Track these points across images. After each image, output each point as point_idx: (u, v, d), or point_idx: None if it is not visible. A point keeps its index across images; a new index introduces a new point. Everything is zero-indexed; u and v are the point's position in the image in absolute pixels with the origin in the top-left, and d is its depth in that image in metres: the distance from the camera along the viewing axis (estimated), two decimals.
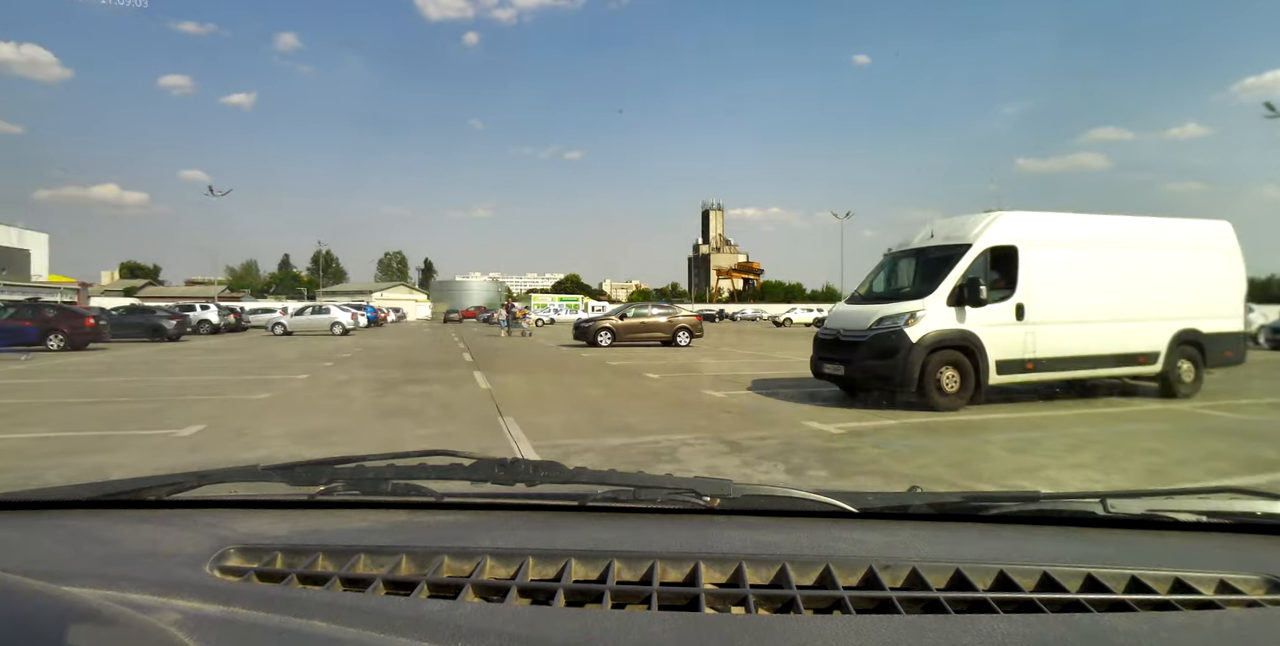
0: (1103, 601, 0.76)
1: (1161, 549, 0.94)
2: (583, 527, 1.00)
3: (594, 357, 16.09)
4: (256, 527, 0.98)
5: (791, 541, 0.93)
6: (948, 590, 0.79)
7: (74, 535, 0.96)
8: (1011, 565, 0.83)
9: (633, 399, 8.88)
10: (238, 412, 7.59)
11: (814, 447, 5.79)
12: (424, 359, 16.13)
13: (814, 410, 7.72)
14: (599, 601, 0.76)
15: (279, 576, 0.81)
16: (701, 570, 0.82)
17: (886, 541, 0.94)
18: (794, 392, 9.25)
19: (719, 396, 9.01)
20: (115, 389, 9.89)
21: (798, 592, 0.77)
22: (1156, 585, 0.79)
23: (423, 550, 0.87)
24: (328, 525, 1.02)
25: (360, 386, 10.28)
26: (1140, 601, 0.76)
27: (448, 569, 0.84)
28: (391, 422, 7.08)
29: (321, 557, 0.85)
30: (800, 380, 10.28)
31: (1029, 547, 0.93)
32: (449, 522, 1.05)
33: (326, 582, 0.79)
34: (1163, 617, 0.72)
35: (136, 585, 0.73)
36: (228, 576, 0.80)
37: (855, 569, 0.83)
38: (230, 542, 0.89)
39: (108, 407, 8.07)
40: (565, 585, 0.78)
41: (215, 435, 6.22)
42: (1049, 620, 0.70)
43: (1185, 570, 0.82)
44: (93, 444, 5.86)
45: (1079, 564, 0.83)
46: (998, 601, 0.75)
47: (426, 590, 0.78)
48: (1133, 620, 0.71)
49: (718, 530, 0.98)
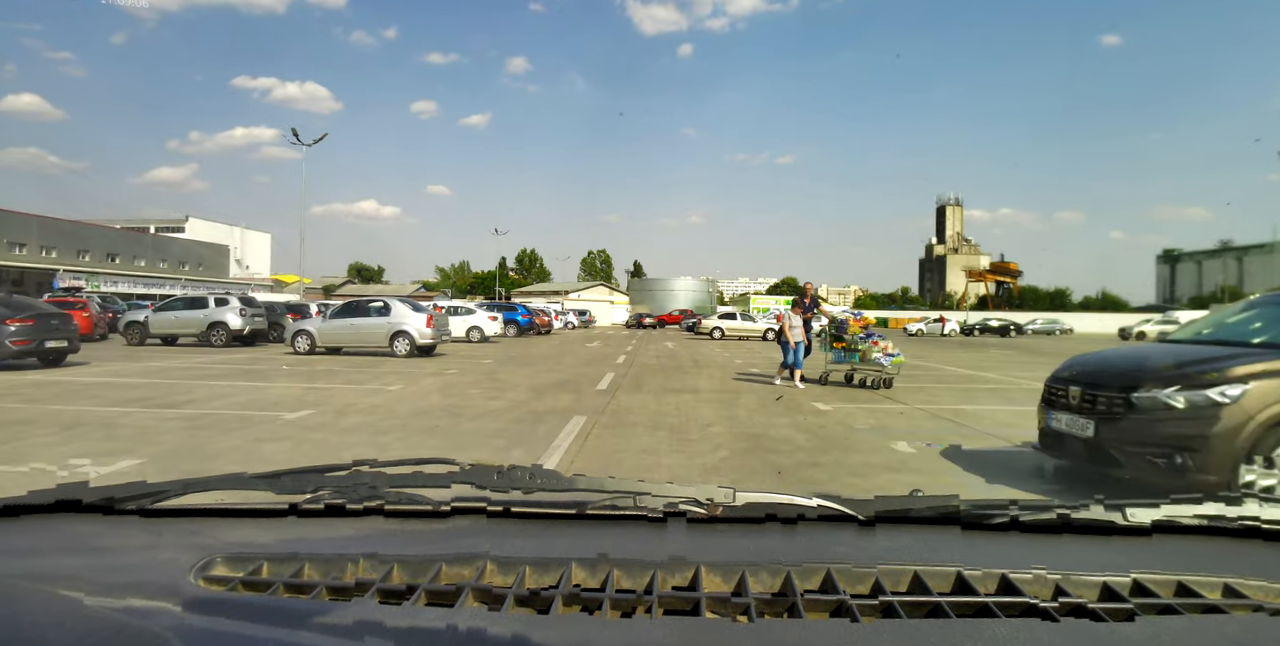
0: (1107, 607, 0.75)
1: (1166, 554, 0.93)
2: (582, 535, 0.99)
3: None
4: (242, 536, 0.98)
5: (794, 547, 0.94)
6: (950, 595, 0.78)
7: (57, 542, 0.94)
8: (1014, 570, 0.82)
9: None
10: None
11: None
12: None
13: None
14: (599, 609, 0.75)
15: (265, 585, 0.79)
16: (703, 577, 0.81)
17: (889, 547, 0.94)
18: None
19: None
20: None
21: (800, 598, 0.76)
22: (1161, 590, 0.80)
23: (416, 558, 0.85)
24: (315, 533, 1.00)
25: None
26: (1145, 606, 0.75)
27: (444, 576, 0.82)
28: None
29: (308, 566, 0.84)
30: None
31: (1032, 553, 0.92)
32: (443, 530, 1.01)
33: (313, 591, 0.78)
34: (1167, 622, 0.72)
35: (120, 593, 0.73)
36: (212, 586, 0.79)
37: (858, 574, 0.82)
38: (215, 551, 0.87)
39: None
40: (564, 592, 0.77)
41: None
42: (1052, 626, 0.70)
43: (1189, 574, 0.82)
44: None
45: (1082, 569, 0.83)
46: (1001, 607, 0.75)
47: (423, 598, 0.76)
48: (1137, 625, 0.70)
49: (719, 537, 0.98)
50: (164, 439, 5.94)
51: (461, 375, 12.38)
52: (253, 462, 5.06)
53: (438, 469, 1.07)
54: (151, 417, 6.98)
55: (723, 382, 11.82)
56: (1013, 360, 19.87)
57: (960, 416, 8.04)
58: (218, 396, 8.66)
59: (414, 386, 10.32)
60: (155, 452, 5.35)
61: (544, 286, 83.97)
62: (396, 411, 7.73)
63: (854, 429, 7.03)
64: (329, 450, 5.60)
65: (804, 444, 6.17)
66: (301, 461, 1.37)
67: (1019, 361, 19.13)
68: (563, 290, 75.41)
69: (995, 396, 10.73)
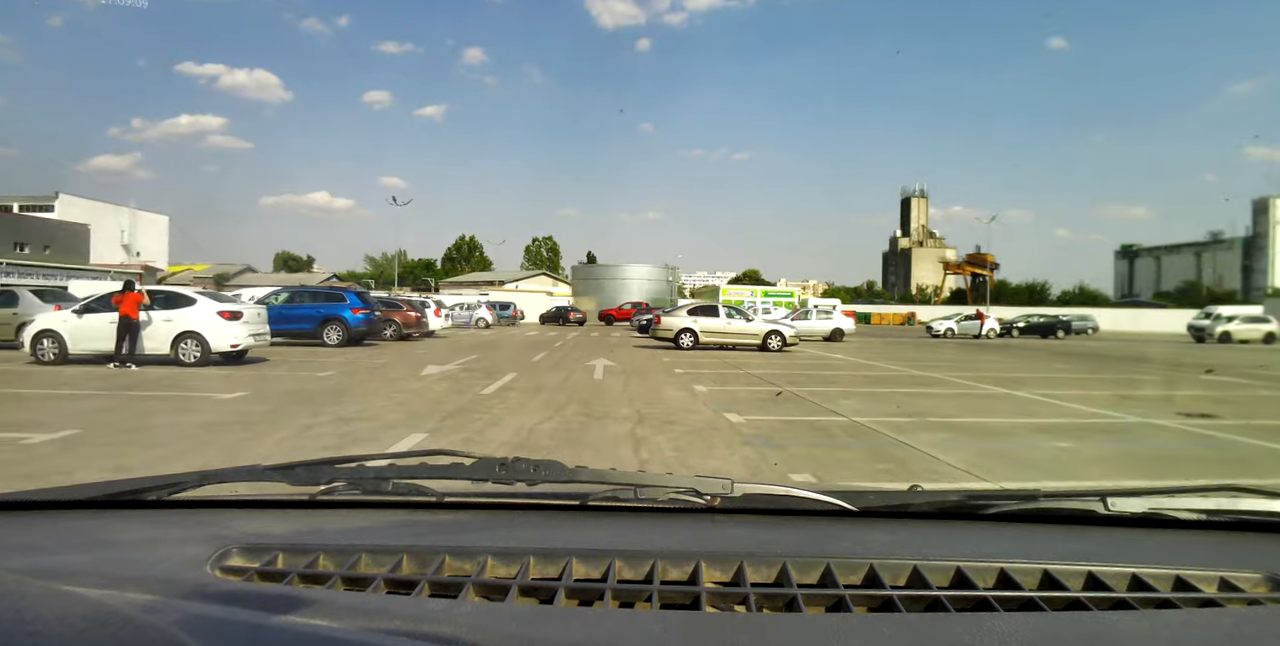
0: (1104, 599, 0.75)
1: (1162, 547, 0.94)
2: (584, 526, 1.00)
3: None
4: (257, 527, 0.97)
5: (792, 540, 0.93)
6: (949, 589, 0.78)
7: (75, 535, 0.94)
8: (1012, 563, 0.82)
9: None
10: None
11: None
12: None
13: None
14: (600, 600, 0.75)
15: (280, 576, 0.80)
16: (703, 569, 0.82)
17: (887, 540, 0.93)
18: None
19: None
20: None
21: (799, 591, 0.76)
22: (1158, 583, 0.79)
23: (423, 549, 0.86)
24: (328, 525, 1.00)
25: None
26: (1141, 599, 0.75)
27: (449, 568, 0.83)
28: None
29: (322, 557, 0.85)
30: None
31: (1030, 546, 0.92)
32: (450, 522, 1.04)
33: (328, 582, 0.79)
34: (1164, 615, 0.72)
35: (137, 585, 0.73)
36: (229, 576, 0.80)
37: (856, 568, 0.82)
38: (231, 542, 0.88)
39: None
40: (566, 584, 0.78)
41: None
42: (1050, 619, 0.70)
43: (1186, 568, 0.82)
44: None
45: (1080, 562, 0.83)
46: (999, 600, 0.74)
47: (428, 589, 0.77)
48: (1134, 618, 0.71)
49: (719, 529, 0.99)
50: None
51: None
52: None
53: (444, 461, 1.07)
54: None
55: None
56: (1205, 396, 11.46)
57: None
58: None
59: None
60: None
61: (477, 276, 73.13)
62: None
63: None
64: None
65: None
66: None
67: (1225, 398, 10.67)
68: (498, 280, 65.48)
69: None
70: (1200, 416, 7.59)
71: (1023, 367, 14.83)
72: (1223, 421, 7.33)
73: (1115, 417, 7.63)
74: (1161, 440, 6.48)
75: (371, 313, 17.50)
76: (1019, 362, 16.42)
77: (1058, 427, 6.91)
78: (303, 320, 16.58)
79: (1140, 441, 6.41)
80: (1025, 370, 14.20)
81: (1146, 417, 7.57)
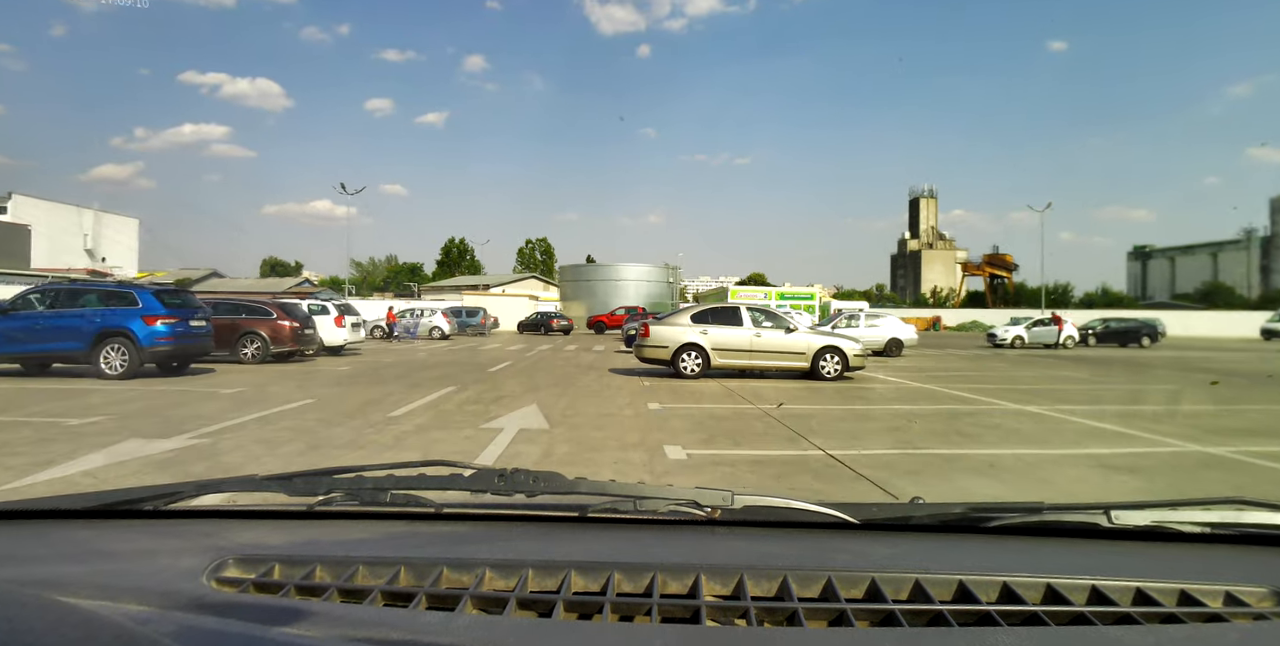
0: (1108, 614, 0.74)
1: (1167, 561, 0.93)
2: (583, 538, 0.99)
3: None
4: (254, 538, 0.96)
5: (793, 553, 0.92)
6: (951, 603, 0.77)
7: (70, 545, 0.94)
8: (1016, 577, 0.81)
9: None
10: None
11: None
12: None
13: None
14: (599, 613, 0.74)
15: (276, 587, 0.79)
16: (703, 582, 0.81)
17: (889, 553, 0.92)
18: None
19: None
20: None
21: (800, 605, 0.76)
22: (1162, 597, 0.78)
23: (421, 561, 0.85)
24: (326, 536, 0.99)
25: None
26: (1146, 614, 0.75)
27: (446, 580, 0.82)
28: None
29: (319, 568, 0.84)
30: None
31: (1033, 559, 0.90)
32: (448, 533, 1.03)
33: (324, 594, 0.78)
34: (1168, 630, 0.71)
35: (133, 596, 0.73)
36: (225, 587, 0.79)
37: (857, 581, 0.82)
38: (228, 553, 0.87)
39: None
40: (565, 597, 0.77)
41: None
42: (1054, 633, 0.70)
43: (1191, 582, 0.81)
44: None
45: (1083, 576, 0.82)
46: (1002, 614, 0.74)
47: (425, 601, 0.76)
48: (1138, 633, 0.70)
49: (719, 541, 0.97)
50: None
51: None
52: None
53: (443, 471, 1.06)
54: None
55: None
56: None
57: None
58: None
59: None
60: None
61: (461, 280, 67.79)
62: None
63: None
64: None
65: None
66: None
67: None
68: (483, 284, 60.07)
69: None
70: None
71: (1246, 402, 9.42)
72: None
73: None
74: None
75: (186, 321, 11.37)
76: (1208, 393, 11.01)
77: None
78: (67, 335, 10.71)
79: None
80: (1249, 408, 8.81)
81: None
